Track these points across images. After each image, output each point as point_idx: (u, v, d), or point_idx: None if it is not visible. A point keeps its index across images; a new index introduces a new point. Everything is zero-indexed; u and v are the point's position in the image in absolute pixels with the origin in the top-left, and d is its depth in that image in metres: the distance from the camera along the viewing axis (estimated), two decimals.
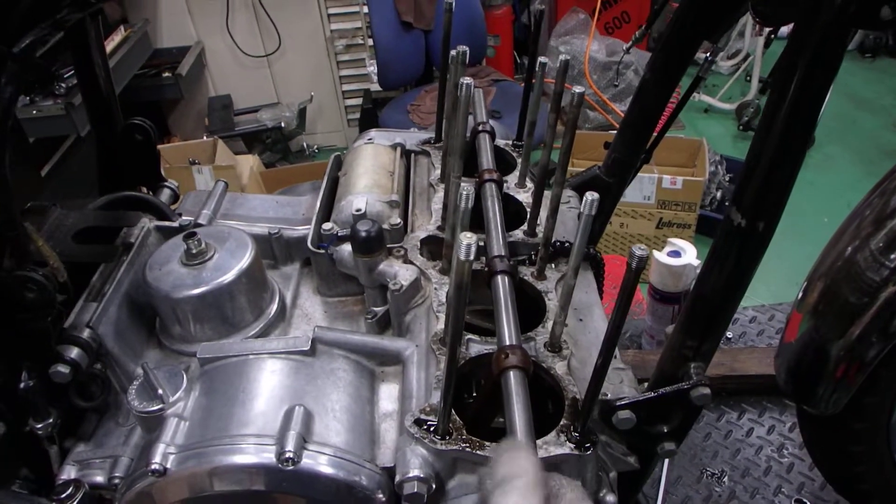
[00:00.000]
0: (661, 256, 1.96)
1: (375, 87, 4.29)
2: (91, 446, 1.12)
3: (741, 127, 4.56)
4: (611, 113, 4.34)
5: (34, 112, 3.10)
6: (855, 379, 1.24)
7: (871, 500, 1.51)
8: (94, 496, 1.06)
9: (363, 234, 1.10)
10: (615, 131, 1.39)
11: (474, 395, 1.06)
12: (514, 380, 0.84)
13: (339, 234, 1.15)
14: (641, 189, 3.14)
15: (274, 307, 1.22)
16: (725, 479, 1.83)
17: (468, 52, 1.14)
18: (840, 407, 1.27)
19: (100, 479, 1.06)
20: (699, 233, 3.26)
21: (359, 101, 4.64)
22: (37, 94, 3.16)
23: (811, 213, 3.69)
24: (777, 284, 3.16)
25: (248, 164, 3.75)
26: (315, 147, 4.74)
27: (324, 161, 3.78)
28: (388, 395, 1.04)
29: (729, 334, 2.33)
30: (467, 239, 0.70)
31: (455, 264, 0.72)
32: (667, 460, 1.90)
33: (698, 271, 1.98)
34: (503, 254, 1.05)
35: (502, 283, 1.00)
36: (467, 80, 1.00)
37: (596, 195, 0.87)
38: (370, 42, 4.32)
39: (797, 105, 0.78)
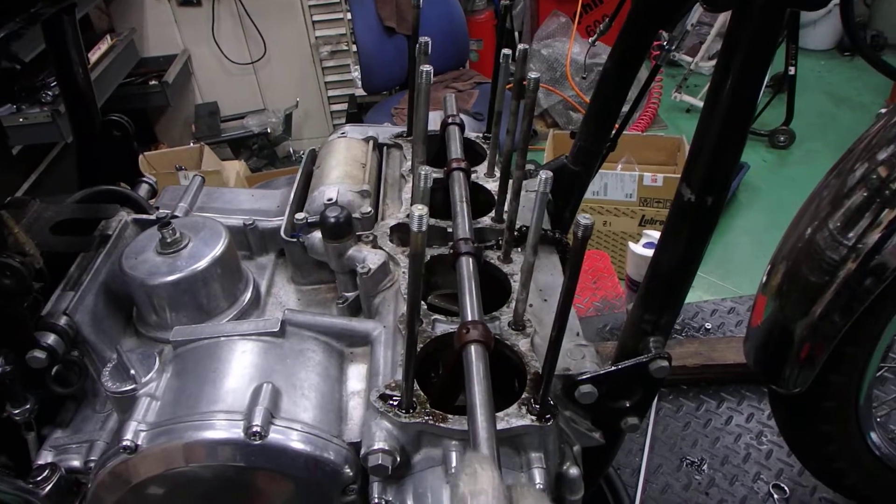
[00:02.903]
0: (636, 248, 2.00)
1: (360, 91, 4.33)
2: (68, 432, 1.14)
3: None
4: None
5: (21, 120, 3.13)
6: (819, 357, 1.27)
7: (845, 481, 1.54)
8: (70, 480, 1.08)
9: (332, 219, 1.13)
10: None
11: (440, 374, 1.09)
12: (474, 354, 0.87)
13: (309, 221, 1.18)
14: (623, 187, 3.18)
15: (248, 295, 1.24)
16: (705, 466, 1.86)
17: (430, 42, 1.18)
18: (806, 385, 1.30)
19: (76, 463, 1.08)
20: None
21: (344, 105, 4.68)
22: (23, 101, 3.18)
23: (792, 208, 3.73)
24: (759, 277, 3.20)
25: (235, 169, 3.78)
26: (301, 152, 4.77)
27: None
28: (356, 375, 1.07)
29: (708, 325, 2.37)
30: (419, 210, 0.73)
31: (411, 236, 0.75)
32: (646, 449, 1.93)
33: None
34: (468, 237, 1.09)
35: (466, 264, 1.03)
36: (426, 67, 1.04)
37: (549, 173, 0.90)
38: (354, 48, 4.37)
39: (739, 85, 0.82)
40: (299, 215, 1.28)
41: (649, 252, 1.99)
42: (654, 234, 2.02)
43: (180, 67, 4.27)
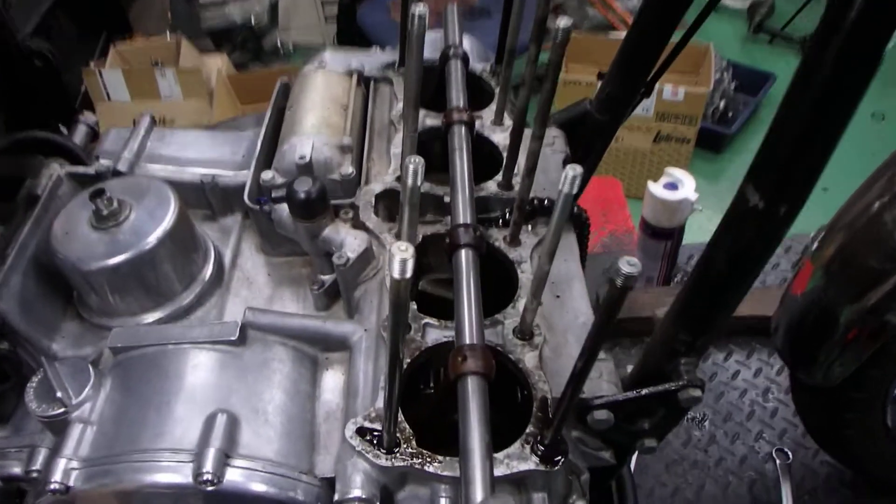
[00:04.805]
0: (655, 188, 1.79)
1: None
2: (8, 431, 1.00)
3: (753, 28, 4.17)
4: (611, 11, 3.99)
5: None
6: (865, 350, 1.11)
7: (858, 461, 1.44)
8: (10, 490, 0.95)
9: (301, 195, 0.92)
10: (615, 33, 1.18)
11: (432, 386, 0.93)
12: (471, 388, 0.71)
13: (273, 196, 0.97)
14: None
15: (208, 270, 1.06)
16: (706, 423, 1.76)
17: None
18: (838, 380, 1.15)
19: (17, 470, 0.93)
20: (698, 146, 3.05)
21: None
22: None
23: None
24: None
25: (216, 65, 3.45)
26: (290, 45, 4.40)
27: (301, 64, 3.50)
28: (332, 387, 0.90)
29: None
30: (401, 253, 0.53)
31: (389, 282, 0.56)
32: None
33: (695, 206, 1.84)
34: (469, 221, 0.89)
35: (465, 260, 0.84)
36: (420, 8, 0.79)
37: (578, 170, 0.69)
38: None
39: (845, 60, 0.59)
40: (266, 174, 1.07)
41: (670, 194, 1.79)
42: (677, 174, 1.80)
43: None
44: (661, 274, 2.01)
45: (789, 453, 1.63)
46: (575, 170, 0.68)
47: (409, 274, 0.54)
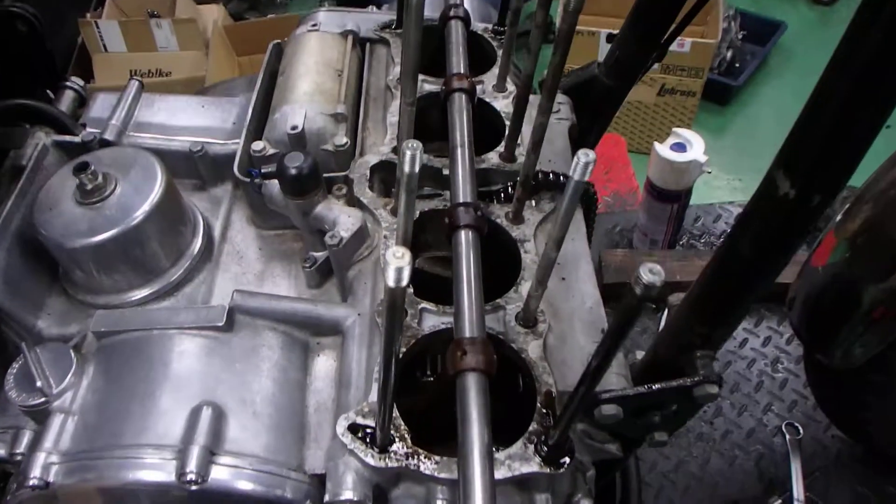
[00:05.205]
0: (662, 149, 1.71)
1: None
2: None
3: None
4: None
5: None
6: (889, 332, 1.06)
7: (872, 440, 1.41)
8: None
9: (292, 171, 0.86)
10: None
11: (429, 374, 0.89)
12: (471, 385, 0.66)
13: (263, 171, 0.91)
14: None
15: (197, 244, 1.01)
16: None
17: None
18: (859, 361, 1.10)
19: (1, 452, 0.91)
20: (703, 98, 2.94)
21: None
22: None
23: None
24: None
25: (213, 16, 3.34)
26: None
27: (298, 14, 3.35)
28: (324, 374, 0.86)
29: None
30: (397, 261, 0.48)
31: (385, 290, 0.51)
32: None
33: (704, 168, 1.76)
34: (469, 200, 0.83)
35: (465, 242, 0.79)
36: None
37: (591, 155, 0.63)
38: None
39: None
40: (257, 145, 1.01)
41: (677, 156, 1.71)
42: (685, 134, 1.72)
43: None
44: (667, 237, 1.95)
45: (800, 428, 1.57)
46: (587, 156, 0.62)
47: (404, 282, 0.49)
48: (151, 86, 3.07)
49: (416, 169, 0.62)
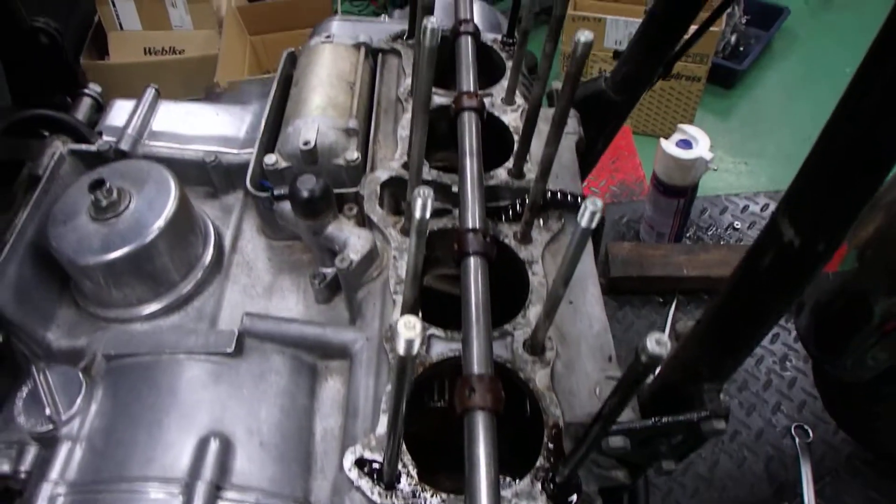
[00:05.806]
0: (668, 146, 1.71)
1: None
2: None
3: None
4: None
5: None
6: None
7: (882, 446, 1.41)
8: None
9: (305, 194, 0.88)
10: None
11: (436, 398, 0.91)
12: (479, 423, 0.67)
13: (276, 193, 0.93)
14: None
15: (208, 256, 1.03)
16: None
17: None
18: (870, 375, 1.10)
19: (5, 468, 0.92)
20: (709, 82, 2.91)
21: None
22: None
23: (833, 59, 3.20)
24: (795, 149, 2.90)
25: None
26: None
27: None
28: (332, 399, 0.87)
29: (737, 224, 2.14)
30: (408, 332, 0.49)
31: (394, 360, 0.53)
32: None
33: (709, 165, 1.76)
34: (478, 226, 0.84)
35: (474, 270, 0.80)
36: (432, 21, 0.72)
37: (598, 204, 0.63)
38: None
39: None
40: (269, 158, 1.02)
41: (683, 153, 1.71)
42: (691, 131, 1.72)
43: None
44: (673, 230, 1.97)
45: (809, 431, 1.57)
46: (595, 205, 0.63)
47: (415, 352, 0.51)
48: (165, 63, 3.08)
49: (428, 215, 0.63)
